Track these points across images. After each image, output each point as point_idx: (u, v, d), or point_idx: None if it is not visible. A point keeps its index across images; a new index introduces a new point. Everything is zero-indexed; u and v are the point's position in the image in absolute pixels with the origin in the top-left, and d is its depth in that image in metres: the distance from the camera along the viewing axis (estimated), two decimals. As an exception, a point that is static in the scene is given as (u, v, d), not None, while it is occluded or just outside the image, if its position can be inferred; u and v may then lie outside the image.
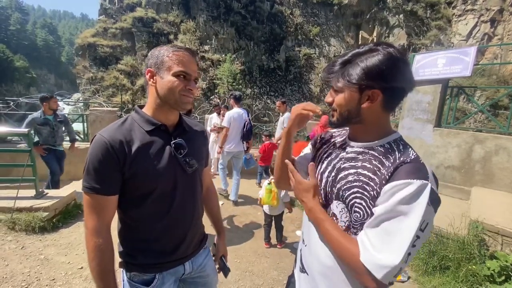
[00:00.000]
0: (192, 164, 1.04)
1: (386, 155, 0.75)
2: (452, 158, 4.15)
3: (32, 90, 40.38)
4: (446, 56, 4.13)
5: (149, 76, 0.97)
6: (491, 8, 14.70)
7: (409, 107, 4.54)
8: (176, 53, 0.95)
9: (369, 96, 0.74)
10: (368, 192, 0.73)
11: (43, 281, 2.29)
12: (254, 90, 16.53)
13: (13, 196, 3.12)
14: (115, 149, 0.89)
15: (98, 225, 0.92)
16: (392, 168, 0.71)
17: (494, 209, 3.00)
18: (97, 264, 0.92)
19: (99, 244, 0.91)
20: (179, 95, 0.95)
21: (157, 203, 0.99)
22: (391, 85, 0.73)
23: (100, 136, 0.91)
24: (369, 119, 0.78)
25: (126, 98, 15.57)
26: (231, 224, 3.68)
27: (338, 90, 0.79)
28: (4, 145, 4.98)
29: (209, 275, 1.22)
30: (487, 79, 13.39)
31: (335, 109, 0.82)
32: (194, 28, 17.10)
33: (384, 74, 0.71)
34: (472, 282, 2.44)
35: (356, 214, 0.76)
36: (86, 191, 0.91)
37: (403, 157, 0.73)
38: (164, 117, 1.00)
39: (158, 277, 1.03)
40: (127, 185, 0.94)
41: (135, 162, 0.92)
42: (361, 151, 0.81)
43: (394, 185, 0.67)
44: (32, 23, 69.24)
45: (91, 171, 0.90)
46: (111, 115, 5.59)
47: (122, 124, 0.97)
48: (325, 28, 18.42)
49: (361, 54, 0.74)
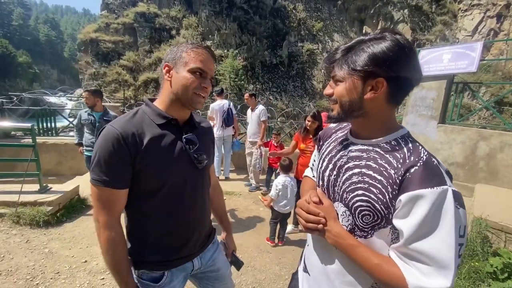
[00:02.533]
0: (202, 160, 1.02)
1: (393, 154, 0.68)
2: (456, 155, 4.12)
3: (35, 85, 40.59)
4: (451, 51, 4.08)
5: (166, 70, 0.96)
6: (498, 3, 14.44)
7: (413, 103, 4.49)
8: (194, 50, 0.94)
9: (372, 86, 0.67)
10: (375, 195, 0.67)
11: (48, 274, 2.31)
12: (257, 86, 16.46)
13: (18, 190, 3.14)
14: (127, 141, 0.87)
15: (109, 219, 0.91)
16: (402, 171, 0.64)
17: (498, 206, 2.98)
18: (111, 257, 0.92)
19: (112, 237, 0.91)
20: (192, 93, 0.93)
21: (167, 198, 0.97)
22: (398, 74, 0.66)
23: (111, 127, 0.89)
24: (373, 112, 0.71)
25: (128, 93, 15.58)
26: (233, 219, 3.69)
27: (340, 80, 0.72)
28: (8, 140, 5.01)
29: (220, 269, 1.22)
30: (492, 75, 13.22)
31: (335, 101, 0.74)
32: (196, 23, 17.01)
33: (391, 61, 0.64)
34: (475, 279, 2.43)
35: (367, 217, 0.70)
36: (95, 184, 0.89)
37: (413, 156, 0.65)
38: (176, 112, 0.99)
39: (167, 274, 1.03)
40: (137, 178, 0.92)
41: (146, 156, 0.90)
42: (365, 148, 0.74)
43: (411, 196, 0.61)
44: (34, 18, 69.12)
45: (101, 163, 0.87)
46: (113, 110, 5.59)
47: (133, 116, 0.95)
48: (329, 23, 18.25)
49: (366, 41, 0.68)
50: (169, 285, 1.04)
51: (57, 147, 5.17)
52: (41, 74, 52.03)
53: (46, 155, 4.84)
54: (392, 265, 0.66)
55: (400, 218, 0.64)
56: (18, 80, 40.25)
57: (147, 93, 15.66)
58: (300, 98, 16.88)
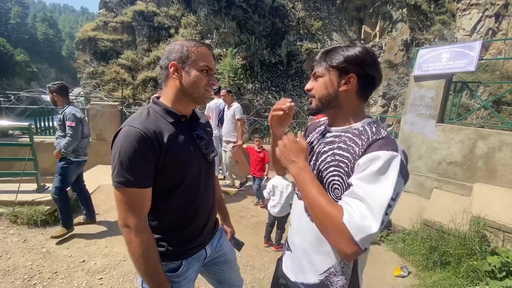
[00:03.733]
0: (210, 152, 1.11)
1: (360, 136, 0.81)
2: (454, 154, 4.13)
3: (33, 84, 40.37)
4: (450, 50, 4.07)
5: (173, 69, 0.98)
6: (496, 3, 14.47)
7: (412, 102, 4.49)
8: (200, 49, 0.99)
9: (346, 80, 0.84)
10: (343, 169, 0.80)
11: (45, 274, 2.30)
12: (256, 85, 16.44)
13: (15, 189, 3.13)
14: (152, 140, 0.89)
15: (140, 222, 0.90)
16: (365, 146, 0.77)
17: (496, 205, 2.99)
18: (147, 259, 0.90)
19: (145, 240, 0.90)
20: (203, 89, 1.00)
21: (186, 192, 1.02)
22: (365, 72, 0.83)
23: (132, 128, 0.88)
24: (346, 104, 0.87)
25: (127, 92, 15.51)
26: (232, 218, 3.67)
27: (320, 75, 0.88)
28: (5, 139, 4.98)
29: (227, 253, 1.30)
30: (490, 75, 13.26)
31: (313, 95, 0.90)
32: (195, 22, 16.95)
33: (360, 61, 0.82)
34: (473, 277, 2.44)
35: (336, 191, 0.82)
36: (122, 187, 0.87)
37: (375, 135, 0.79)
38: (183, 109, 1.03)
39: (184, 264, 1.06)
40: (159, 176, 0.94)
41: (168, 153, 0.93)
42: (338, 134, 0.88)
43: (366, 158, 0.74)
44: (32, 17, 68.65)
45: (127, 164, 0.86)
46: (112, 109, 5.57)
47: (148, 115, 0.97)
48: (328, 22, 18.22)
49: (342, 46, 0.86)
50: (186, 274, 1.07)
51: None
52: (39, 72, 51.73)
53: (44, 154, 4.80)
54: (334, 205, 0.75)
55: (354, 175, 0.76)
56: (16, 78, 40.01)
57: (146, 92, 15.61)
58: (299, 97, 16.85)
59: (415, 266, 2.83)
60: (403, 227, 3.35)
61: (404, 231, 3.28)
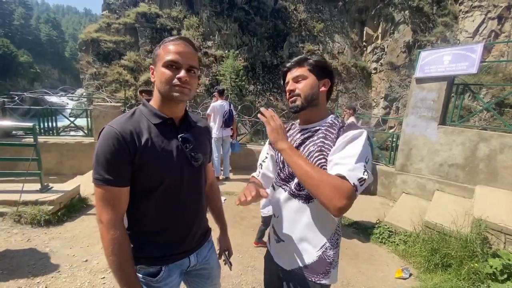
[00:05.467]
0: (198, 158, 1.06)
1: (332, 126, 1.04)
2: (456, 156, 4.12)
3: (36, 85, 40.61)
4: (452, 52, 4.08)
5: (151, 72, 1.02)
6: (499, 5, 14.45)
7: (413, 104, 4.49)
8: (168, 44, 0.96)
9: (324, 83, 1.07)
10: (325, 152, 0.99)
11: (49, 273, 2.32)
12: (257, 87, 16.48)
13: (19, 189, 3.15)
14: (126, 140, 0.90)
15: (113, 218, 0.91)
16: (338, 131, 1.00)
17: (497, 208, 2.99)
18: (116, 257, 0.91)
19: (116, 237, 0.91)
20: (169, 86, 0.94)
21: (164, 195, 1.00)
22: (332, 80, 1.10)
23: (110, 127, 0.91)
24: (320, 103, 1.08)
25: (129, 93, 15.60)
26: (233, 219, 3.70)
27: (302, 78, 1.05)
28: (9, 139, 5.03)
29: (213, 268, 1.24)
30: (493, 77, 13.22)
31: (298, 94, 1.05)
32: (197, 23, 17.05)
33: (330, 71, 1.09)
34: (474, 280, 2.43)
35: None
36: (98, 183, 0.90)
37: (342, 124, 1.04)
38: (168, 111, 1.02)
39: (164, 269, 1.04)
40: (135, 176, 0.94)
41: (144, 154, 0.93)
42: (314, 129, 1.07)
43: (340, 138, 0.96)
44: (35, 18, 69.13)
45: (103, 162, 0.89)
46: (114, 110, 5.59)
47: (131, 116, 0.98)
48: (329, 24, 18.26)
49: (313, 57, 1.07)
50: (166, 281, 1.05)
51: (58, 146, 5.18)
52: (42, 73, 52.01)
53: (47, 154, 4.85)
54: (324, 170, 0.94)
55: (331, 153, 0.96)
56: (19, 79, 40.26)
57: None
58: (301, 99, 16.87)
59: (416, 268, 2.83)
60: (404, 229, 3.34)
61: (406, 233, 3.28)
